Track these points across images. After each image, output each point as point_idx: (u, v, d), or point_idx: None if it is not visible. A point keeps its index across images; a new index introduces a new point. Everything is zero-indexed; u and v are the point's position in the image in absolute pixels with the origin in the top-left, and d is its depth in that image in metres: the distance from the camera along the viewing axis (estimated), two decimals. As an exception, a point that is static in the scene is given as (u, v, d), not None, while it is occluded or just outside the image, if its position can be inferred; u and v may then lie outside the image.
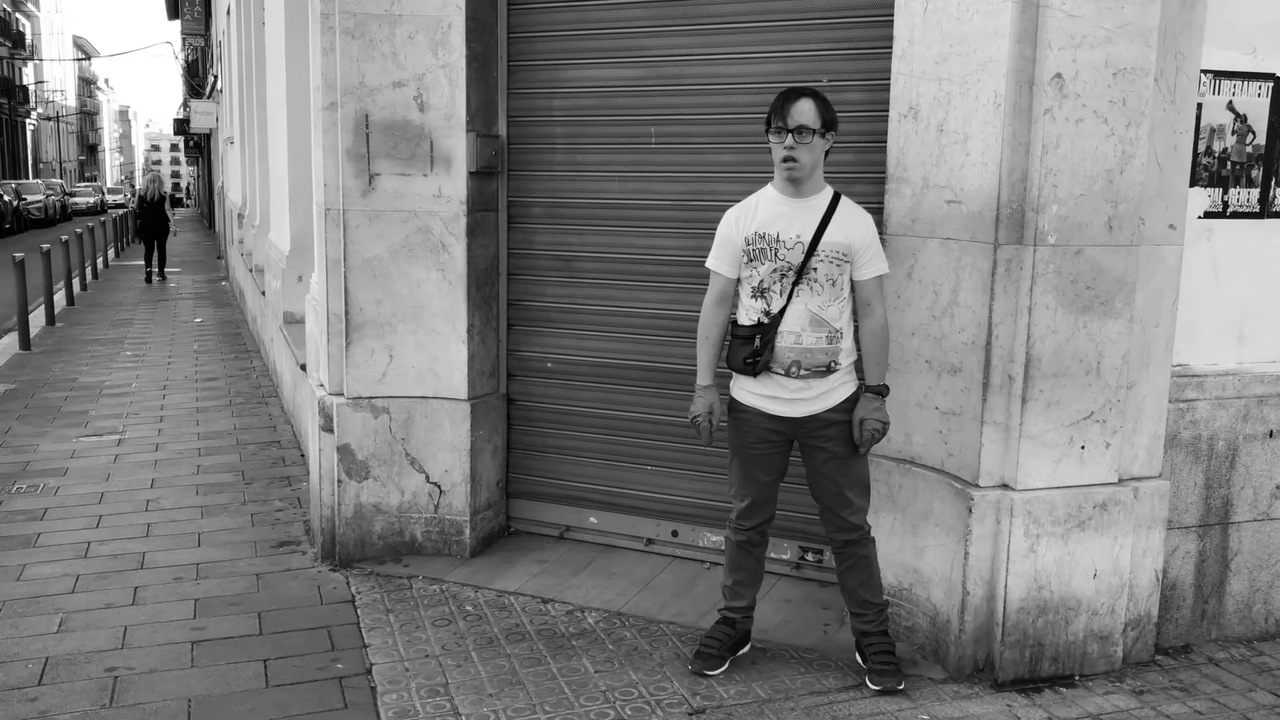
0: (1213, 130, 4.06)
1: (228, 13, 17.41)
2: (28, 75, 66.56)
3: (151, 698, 3.75)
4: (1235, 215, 4.14)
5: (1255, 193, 4.15)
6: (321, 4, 4.70)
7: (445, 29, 4.64)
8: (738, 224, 3.72)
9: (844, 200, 3.70)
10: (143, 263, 19.71)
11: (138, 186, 27.25)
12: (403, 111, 4.71)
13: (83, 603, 4.55)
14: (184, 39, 34.83)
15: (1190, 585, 4.23)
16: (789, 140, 3.55)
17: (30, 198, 38.15)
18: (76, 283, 16.88)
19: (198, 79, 34.59)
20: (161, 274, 19.43)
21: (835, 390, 3.71)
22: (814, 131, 3.56)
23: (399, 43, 4.66)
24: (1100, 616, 3.90)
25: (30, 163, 64.10)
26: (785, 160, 3.58)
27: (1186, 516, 4.18)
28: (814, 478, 3.81)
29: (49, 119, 72.89)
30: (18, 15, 64.16)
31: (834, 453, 3.73)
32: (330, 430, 4.91)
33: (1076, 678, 3.90)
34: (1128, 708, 3.72)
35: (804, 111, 3.55)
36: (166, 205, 20.34)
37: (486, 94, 4.85)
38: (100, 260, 21.67)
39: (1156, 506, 3.96)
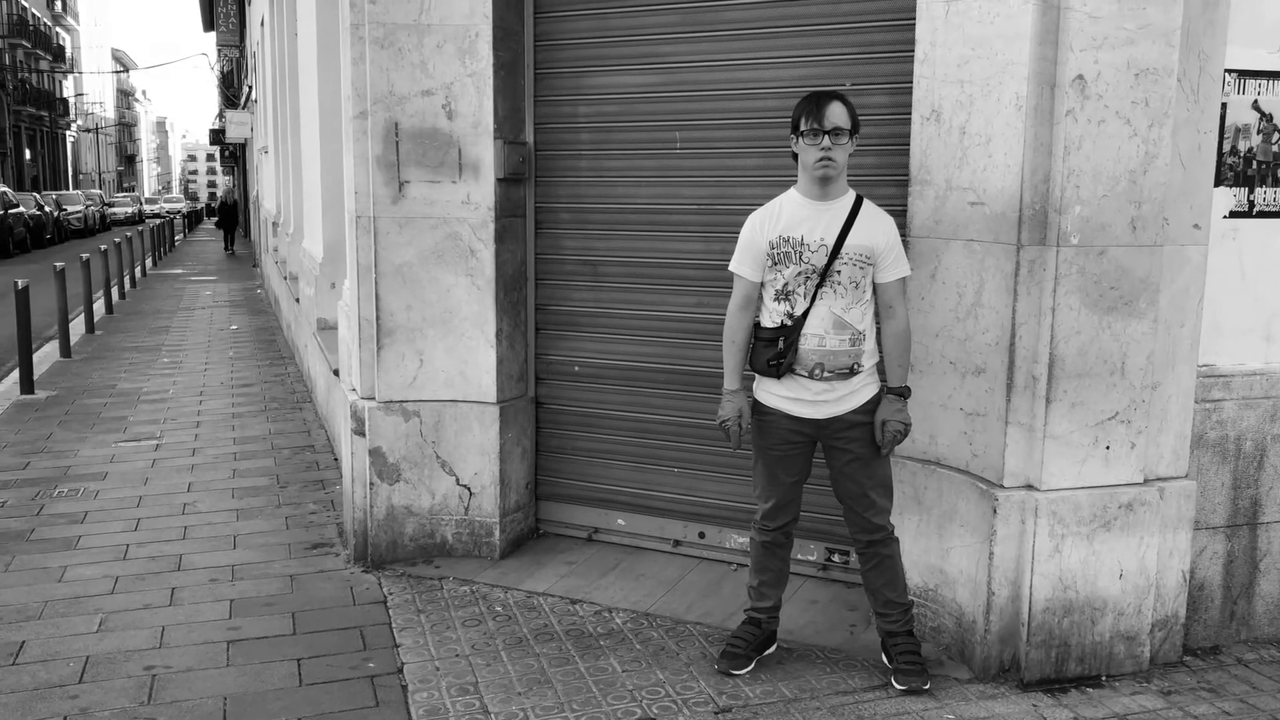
0: (1238, 130, 4.05)
1: (262, 24, 17.65)
2: (68, 88, 67.60)
3: (188, 695, 3.83)
4: (1262, 214, 4.13)
5: (1282, 192, 4.13)
6: (351, 14, 4.78)
7: (473, 38, 4.71)
8: (762, 227, 3.76)
9: (866, 203, 3.73)
10: (223, 244, 32.20)
11: (219, 193, 44.30)
12: (431, 120, 4.78)
13: (122, 603, 4.65)
14: (219, 50, 35.28)
15: (1219, 586, 4.21)
16: (825, 141, 3.59)
17: (70, 208, 38.68)
18: (115, 291, 17.13)
19: (233, 90, 35.01)
20: (231, 249, 30.43)
21: (858, 392, 3.74)
22: (848, 133, 3.62)
23: (427, 52, 4.74)
24: (1127, 617, 3.89)
25: (70, 174, 65.10)
26: (821, 160, 3.61)
27: (1214, 517, 4.16)
28: (837, 479, 3.84)
29: (88, 131, 74.00)
30: (58, 29, 65.26)
31: (857, 454, 3.76)
32: (362, 434, 4.98)
33: (1103, 678, 3.89)
34: (1155, 708, 3.71)
35: (838, 113, 3.60)
36: (238, 207, 34.04)
37: (513, 101, 4.91)
38: (139, 269, 21.99)
39: (1183, 507, 3.95)
